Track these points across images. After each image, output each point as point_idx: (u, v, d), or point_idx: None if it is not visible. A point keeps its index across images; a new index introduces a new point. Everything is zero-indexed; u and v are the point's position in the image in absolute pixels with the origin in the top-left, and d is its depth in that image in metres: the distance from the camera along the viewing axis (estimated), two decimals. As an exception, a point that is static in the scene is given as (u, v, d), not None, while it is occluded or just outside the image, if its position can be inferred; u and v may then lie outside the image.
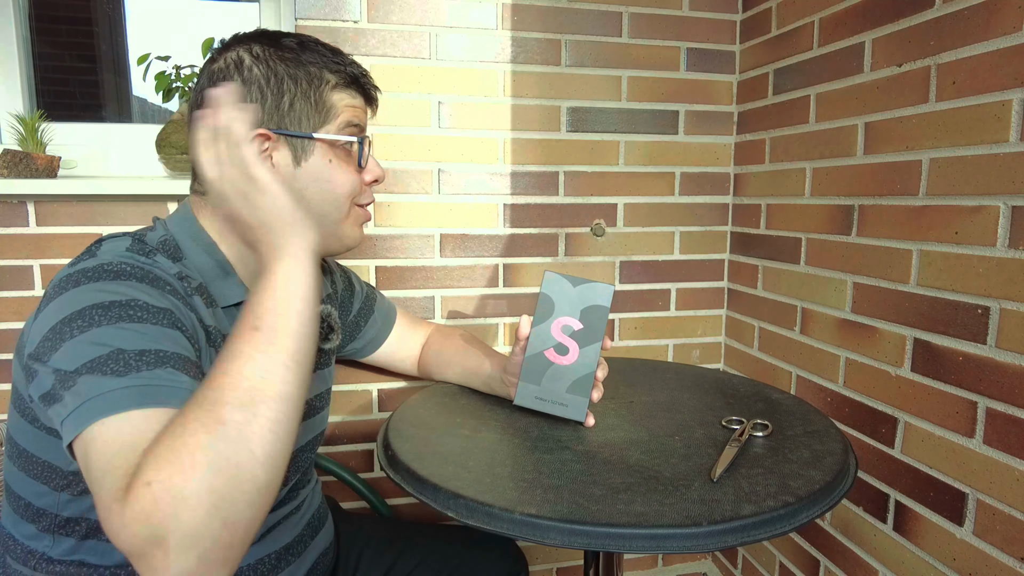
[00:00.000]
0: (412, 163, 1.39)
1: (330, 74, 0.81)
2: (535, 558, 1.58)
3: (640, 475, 0.80)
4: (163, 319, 0.66)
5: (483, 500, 0.73)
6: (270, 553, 0.86)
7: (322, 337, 0.92)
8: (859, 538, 1.22)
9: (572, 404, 0.95)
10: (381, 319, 1.20)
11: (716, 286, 1.62)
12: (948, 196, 1.01)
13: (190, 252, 0.78)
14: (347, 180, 0.83)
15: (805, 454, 0.87)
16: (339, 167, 0.82)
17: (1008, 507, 0.93)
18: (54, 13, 1.92)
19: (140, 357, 0.61)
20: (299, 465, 0.92)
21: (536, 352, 0.95)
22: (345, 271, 1.17)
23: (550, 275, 0.95)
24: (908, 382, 1.10)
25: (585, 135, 1.47)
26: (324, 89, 0.81)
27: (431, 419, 1.01)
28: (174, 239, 0.78)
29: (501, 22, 1.39)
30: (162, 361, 0.62)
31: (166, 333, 0.65)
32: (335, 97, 0.82)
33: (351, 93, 0.84)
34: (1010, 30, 0.90)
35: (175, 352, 0.64)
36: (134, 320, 0.64)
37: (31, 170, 1.21)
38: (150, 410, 0.57)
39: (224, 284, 0.80)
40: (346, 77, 0.83)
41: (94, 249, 0.73)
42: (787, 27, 1.37)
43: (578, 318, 0.95)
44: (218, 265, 0.80)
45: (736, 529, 0.69)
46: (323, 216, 0.81)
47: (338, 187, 0.83)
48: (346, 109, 0.82)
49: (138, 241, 0.75)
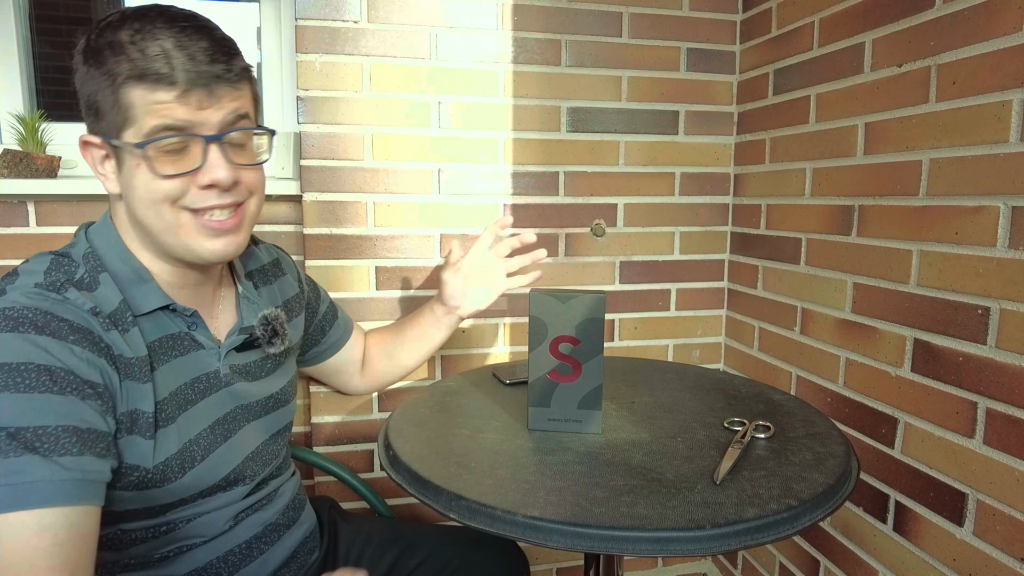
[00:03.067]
0: (412, 163, 1.38)
1: (120, 63, 0.69)
2: (535, 558, 1.58)
3: (643, 477, 0.80)
4: (54, 384, 0.65)
5: (485, 502, 0.73)
6: (240, 543, 0.87)
7: (265, 340, 0.91)
8: (859, 538, 1.23)
9: (586, 420, 0.95)
10: (344, 323, 1.21)
11: (716, 286, 1.62)
12: (948, 196, 1.01)
13: (108, 260, 0.77)
14: (155, 186, 0.73)
15: (807, 456, 0.87)
16: (145, 172, 0.72)
17: (1008, 507, 0.93)
18: (54, 13, 1.91)
19: (12, 438, 0.61)
20: (266, 458, 0.91)
21: (539, 376, 0.94)
22: (309, 276, 1.17)
23: (535, 296, 0.92)
24: (908, 382, 1.10)
25: (585, 135, 1.47)
26: (119, 84, 0.70)
27: (432, 419, 1.01)
28: (95, 251, 0.77)
29: (501, 22, 1.39)
30: (33, 444, 0.61)
31: (50, 402, 0.64)
32: (134, 94, 0.70)
33: (152, 86, 0.70)
34: (1010, 30, 0.90)
35: (57, 426, 0.63)
36: (18, 389, 0.63)
37: (31, 170, 1.21)
38: (17, 514, 0.59)
39: (142, 290, 0.78)
40: (138, 70, 0.69)
41: (9, 280, 0.72)
42: (787, 27, 1.37)
43: (574, 334, 0.92)
44: (133, 271, 0.78)
45: (739, 532, 0.69)
46: (152, 228, 0.76)
47: (147, 194, 0.73)
48: (150, 108, 0.70)
49: (54, 270, 0.73)
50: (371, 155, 1.36)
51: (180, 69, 0.70)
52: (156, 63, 0.69)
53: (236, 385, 0.87)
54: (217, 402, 0.84)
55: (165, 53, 0.69)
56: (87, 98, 0.73)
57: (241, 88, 0.76)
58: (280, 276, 1.03)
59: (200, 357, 0.83)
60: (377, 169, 1.36)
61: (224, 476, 0.83)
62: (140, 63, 0.69)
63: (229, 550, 0.86)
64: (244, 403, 0.88)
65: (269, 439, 0.92)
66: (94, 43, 0.72)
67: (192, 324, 0.83)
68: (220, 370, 0.85)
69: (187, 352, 0.82)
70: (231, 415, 0.86)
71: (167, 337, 0.80)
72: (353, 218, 1.37)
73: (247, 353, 0.90)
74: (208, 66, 0.71)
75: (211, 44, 0.72)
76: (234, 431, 0.86)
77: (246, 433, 0.88)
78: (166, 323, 0.81)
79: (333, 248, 1.36)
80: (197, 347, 0.83)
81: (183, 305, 0.82)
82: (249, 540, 0.88)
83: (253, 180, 0.80)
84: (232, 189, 0.76)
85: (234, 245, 0.79)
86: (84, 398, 0.67)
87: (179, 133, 0.71)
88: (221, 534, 0.85)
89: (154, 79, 0.69)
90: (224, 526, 0.85)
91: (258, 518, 0.90)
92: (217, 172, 0.74)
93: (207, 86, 0.71)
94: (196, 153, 0.73)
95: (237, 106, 0.75)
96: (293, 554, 0.94)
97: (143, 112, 0.70)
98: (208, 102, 0.72)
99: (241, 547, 0.87)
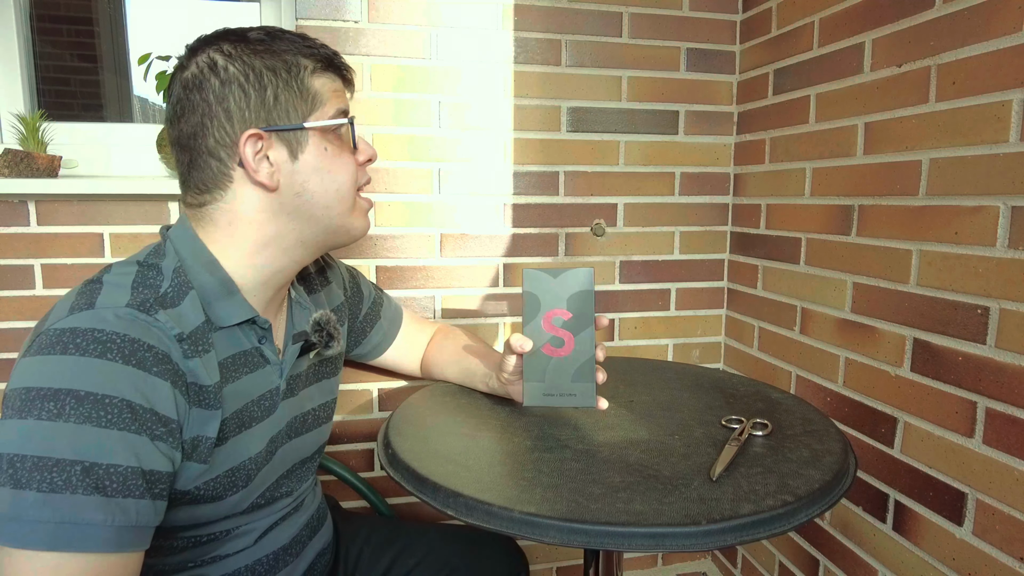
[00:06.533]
0: (412, 163, 1.39)
1: (306, 59, 0.79)
2: (535, 557, 1.58)
3: (639, 474, 0.80)
4: (134, 422, 0.63)
5: (482, 499, 0.73)
6: (268, 554, 0.87)
7: (323, 344, 0.91)
8: (858, 538, 1.23)
9: (580, 392, 0.95)
10: (387, 324, 1.20)
11: (716, 286, 1.62)
12: (948, 196, 1.01)
13: (194, 273, 0.76)
14: (346, 165, 0.81)
15: (805, 453, 0.87)
16: (335, 154, 0.80)
17: (1007, 507, 0.93)
18: (55, 13, 1.93)
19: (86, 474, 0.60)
20: (301, 475, 0.92)
21: (533, 350, 0.95)
22: (353, 274, 1.16)
23: (529, 272, 0.95)
24: (908, 382, 1.10)
25: (585, 135, 1.47)
26: (304, 76, 0.78)
27: (431, 418, 1.02)
28: (184, 265, 0.76)
29: (501, 22, 1.40)
30: (103, 483, 0.61)
31: (127, 441, 0.63)
32: (317, 83, 0.79)
33: (330, 76, 0.81)
34: (1010, 30, 0.90)
35: (127, 467, 0.62)
36: (100, 424, 0.62)
37: (32, 170, 1.21)
38: (64, 555, 0.58)
39: (227, 303, 0.77)
40: (322, 60, 0.80)
41: (95, 291, 0.70)
42: (787, 27, 1.37)
43: (566, 307, 0.95)
44: (220, 283, 0.77)
45: (734, 528, 0.69)
46: (328, 209, 0.80)
47: (339, 174, 0.81)
48: (331, 93, 0.80)
49: (140, 285, 0.72)
50: (371, 155, 1.36)
51: (343, 65, 0.83)
52: (327, 52, 0.81)
53: (289, 399, 0.87)
54: (275, 420, 0.84)
55: (329, 48, 0.81)
56: (253, 88, 0.76)
57: None
58: (327, 285, 1.04)
59: (266, 374, 0.82)
60: (377, 169, 1.37)
61: (264, 492, 0.84)
62: (321, 52, 0.80)
63: (257, 560, 0.86)
64: (292, 416, 0.88)
65: (309, 456, 0.93)
66: (260, 37, 0.78)
67: (263, 338, 0.82)
68: (280, 386, 0.85)
69: (255, 369, 0.81)
70: (282, 433, 0.86)
71: (239, 354, 0.79)
72: (353, 217, 1.37)
73: (298, 362, 0.89)
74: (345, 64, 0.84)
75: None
76: (279, 446, 0.86)
77: (290, 449, 0.88)
78: (240, 339, 0.79)
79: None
80: (264, 363, 0.82)
81: (264, 318, 0.81)
82: (276, 552, 0.88)
83: None
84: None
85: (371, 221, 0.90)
86: (155, 439, 0.65)
87: (349, 117, 0.82)
88: (252, 545, 0.85)
89: (332, 68, 0.81)
90: (256, 538, 0.85)
91: (286, 529, 0.90)
92: (371, 149, 0.87)
93: (349, 80, 0.85)
94: (348, 136, 0.83)
95: None
96: (312, 564, 0.94)
97: (326, 97, 0.80)
98: (347, 92, 0.85)
99: (269, 558, 0.87)
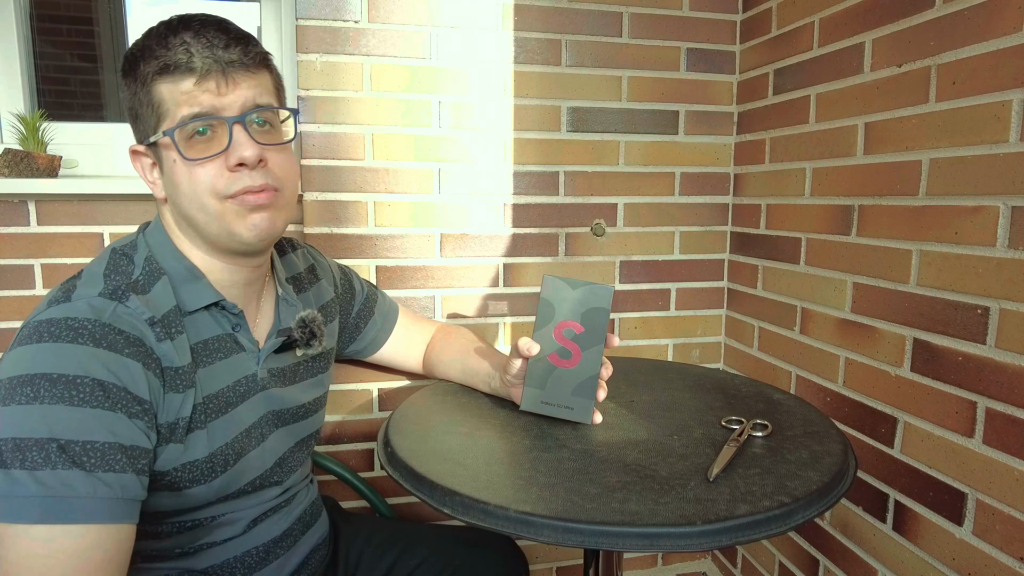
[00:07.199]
0: (412, 163, 1.39)
1: (147, 66, 0.74)
2: (535, 557, 1.58)
3: (636, 474, 0.80)
4: (106, 400, 0.66)
5: (479, 497, 0.74)
6: (258, 545, 0.87)
7: (303, 342, 0.91)
8: (858, 538, 1.22)
9: (578, 407, 0.95)
10: (381, 320, 1.20)
11: (716, 286, 1.62)
12: (948, 196, 1.01)
13: (163, 261, 0.80)
14: (196, 175, 0.75)
15: (804, 454, 0.87)
16: (184, 163, 0.75)
17: (1007, 507, 0.93)
18: (55, 13, 1.93)
19: (62, 451, 0.62)
20: (291, 465, 0.93)
21: (539, 357, 0.95)
22: (345, 272, 1.17)
23: (549, 279, 0.95)
24: (908, 382, 1.10)
25: (585, 135, 1.47)
26: (150, 85, 0.74)
27: (431, 418, 1.02)
28: (153, 254, 0.80)
29: (501, 22, 1.40)
30: (80, 459, 0.63)
31: (101, 417, 0.65)
32: (162, 89, 0.74)
33: (174, 79, 0.73)
34: (1010, 30, 0.90)
35: (105, 443, 0.65)
36: (72, 402, 0.64)
37: (32, 169, 1.21)
38: (55, 527, 0.61)
39: (194, 287, 0.80)
40: (161, 64, 0.73)
41: (72, 285, 0.74)
42: (787, 27, 1.37)
43: (579, 321, 0.94)
44: (186, 269, 0.80)
45: (731, 529, 0.69)
46: (197, 218, 0.78)
47: (191, 184, 0.76)
48: (180, 96, 0.74)
49: (112, 272, 0.76)
50: (371, 155, 1.36)
51: (198, 56, 0.73)
52: (177, 55, 0.73)
53: (272, 389, 0.88)
54: (253, 406, 0.85)
55: (185, 44, 0.73)
56: (129, 110, 0.78)
57: (259, 74, 0.78)
58: (316, 282, 1.04)
59: (241, 360, 0.84)
60: (377, 169, 1.37)
61: (252, 480, 0.85)
62: (163, 58, 0.73)
63: (247, 551, 0.86)
64: (277, 408, 0.89)
65: (296, 445, 0.93)
66: (128, 56, 0.77)
67: (236, 325, 0.84)
68: (258, 373, 0.86)
69: (229, 355, 0.83)
70: (265, 419, 0.87)
71: (212, 339, 0.81)
72: (353, 218, 1.37)
73: (283, 356, 0.91)
74: (224, 51, 0.74)
75: (226, 34, 0.76)
76: (266, 435, 0.87)
77: (277, 438, 0.89)
78: (212, 324, 0.82)
79: (334, 248, 1.37)
80: (239, 349, 0.84)
81: (232, 303, 0.83)
82: (267, 543, 0.89)
83: (282, 163, 0.80)
84: (261, 170, 0.78)
85: (269, 222, 0.79)
86: (132, 416, 0.68)
87: (204, 118, 0.74)
88: (241, 535, 0.86)
89: (176, 69, 0.73)
90: (245, 528, 0.86)
91: (278, 522, 0.90)
92: (244, 150, 0.75)
93: (224, 71, 0.74)
94: (223, 137, 0.76)
95: (257, 92, 0.77)
96: (306, 560, 0.95)
97: (172, 104, 0.74)
98: (227, 87, 0.75)
99: (259, 549, 0.88)
